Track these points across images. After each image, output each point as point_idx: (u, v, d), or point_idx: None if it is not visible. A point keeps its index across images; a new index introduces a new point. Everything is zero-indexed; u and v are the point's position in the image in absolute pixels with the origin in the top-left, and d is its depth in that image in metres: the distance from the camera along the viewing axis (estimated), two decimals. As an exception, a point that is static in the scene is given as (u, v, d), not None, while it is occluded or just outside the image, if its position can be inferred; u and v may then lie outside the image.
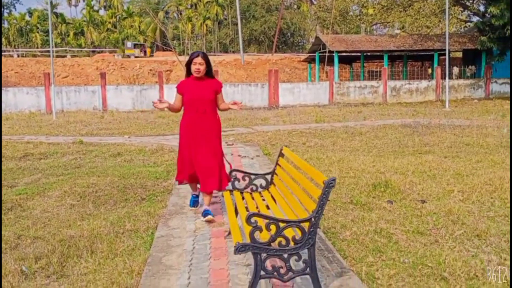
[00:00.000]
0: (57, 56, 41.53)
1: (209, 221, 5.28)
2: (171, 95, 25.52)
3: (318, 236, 4.85)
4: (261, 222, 3.14)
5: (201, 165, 5.40)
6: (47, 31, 66.52)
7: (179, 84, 5.62)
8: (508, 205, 5.92)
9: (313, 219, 3.17)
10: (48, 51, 47.16)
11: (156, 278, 3.88)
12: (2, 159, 10.51)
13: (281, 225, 3.14)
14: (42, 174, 8.72)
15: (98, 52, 49.60)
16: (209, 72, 5.49)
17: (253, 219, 3.10)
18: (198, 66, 5.36)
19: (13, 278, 4.09)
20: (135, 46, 50.66)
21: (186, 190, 7.01)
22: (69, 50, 54.45)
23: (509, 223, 5.29)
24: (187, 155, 5.51)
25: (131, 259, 4.40)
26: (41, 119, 20.10)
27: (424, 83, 29.40)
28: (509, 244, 4.62)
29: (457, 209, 5.75)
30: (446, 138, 12.59)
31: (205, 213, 5.33)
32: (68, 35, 69.80)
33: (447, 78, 25.25)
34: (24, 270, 4.33)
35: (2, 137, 14.45)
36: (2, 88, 25.41)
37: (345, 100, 28.37)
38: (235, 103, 5.50)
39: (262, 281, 3.60)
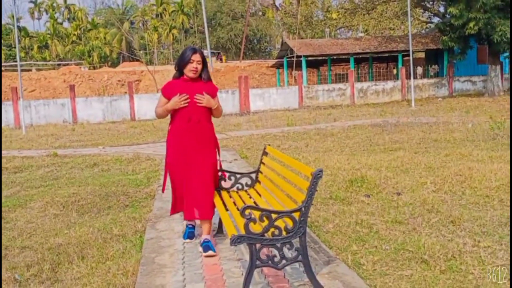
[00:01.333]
0: (22, 70, 40.76)
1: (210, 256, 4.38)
2: (141, 105, 25.54)
3: (303, 230, 5.06)
4: (255, 215, 3.32)
5: (199, 188, 4.52)
6: (11, 46, 65.27)
7: (166, 86, 4.73)
8: (479, 193, 6.26)
9: (303, 209, 3.37)
10: (12, 66, 46.37)
11: (151, 276, 4.01)
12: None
13: (274, 216, 3.32)
14: (20, 187, 8.68)
15: (64, 65, 49.00)
16: (205, 74, 4.69)
17: (247, 212, 3.27)
18: (196, 64, 4.52)
19: (7, 286, 4.16)
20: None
21: (168, 195, 7.12)
22: (34, 64, 53.61)
23: (480, 209, 5.62)
24: (179, 178, 4.63)
25: (124, 261, 4.51)
26: (10, 134, 19.79)
27: (390, 84, 30.09)
28: (481, 228, 4.92)
29: (431, 199, 6.04)
30: (415, 135, 13.00)
31: (205, 246, 4.42)
32: (32, 49, 68.65)
33: (411, 78, 25.91)
34: (17, 278, 4.39)
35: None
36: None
37: (314, 103, 28.79)
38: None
39: (255, 272, 3.78)
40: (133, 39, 62.34)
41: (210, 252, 4.35)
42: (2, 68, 43.37)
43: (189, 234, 4.92)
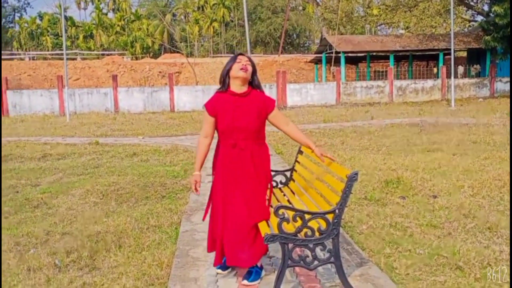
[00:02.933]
0: (68, 59, 41.91)
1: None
2: (181, 97, 25.90)
3: (336, 230, 5.08)
4: (288, 214, 3.36)
5: (232, 230, 3.72)
6: (57, 34, 67.15)
7: (209, 101, 3.89)
8: (518, 199, 6.13)
9: (337, 211, 3.39)
10: (59, 54, 47.65)
11: (185, 269, 4.11)
12: (22, 159, 10.79)
13: (307, 217, 3.35)
14: (63, 173, 8.98)
15: (108, 55, 50.06)
16: (255, 83, 3.87)
17: (280, 211, 3.32)
18: (245, 62, 3.79)
19: (48, 270, 4.33)
20: None
21: (205, 187, 7.25)
22: (79, 53, 54.96)
23: (519, 216, 5.50)
24: (221, 212, 3.82)
25: (159, 252, 4.63)
26: (55, 121, 20.43)
27: (430, 83, 29.55)
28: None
29: (468, 203, 5.95)
30: (454, 136, 12.75)
31: (253, 278, 3.81)
32: (78, 38, 70.41)
33: (452, 77, 25.38)
34: (57, 263, 4.57)
35: (19, 138, 14.76)
36: (16, 90, 25.79)
37: (351, 100, 28.55)
38: (324, 155, 4.02)
39: (287, 271, 3.83)
40: (175, 31, 63.08)
41: (245, 282, 3.78)
42: (49, 56, 44.71)
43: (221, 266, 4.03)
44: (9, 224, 5.84)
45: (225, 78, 3.85)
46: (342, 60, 32.45)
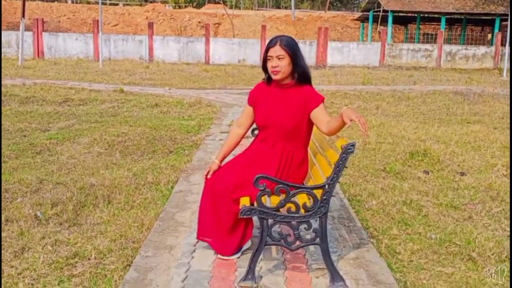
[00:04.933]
0: (110, 4, 41.73)
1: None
2: (216, 49, 25.32)
3: (341, 204, 4.60)
4: (270, 187, 2.91)
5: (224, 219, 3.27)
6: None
7: (253, 91, 3.48)
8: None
9: (326, 186, 2.91)
10: (99, -1, 47.54)
11: (164, 235, 3.74)
12: (43, 102, 10.64)
13: (291, 190, 2.89)
14: (77, 120, 8.75)
15: (150, 2, 49.58)
16: (298, 74, 3.25)
17: (260, 182, 2.86)
18: (275, 62, 3.18)
19: (25, 223, 4.05)
20: None
21: (214, 146, 6.85)
22: (123, -2, 54.79)
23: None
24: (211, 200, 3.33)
25: (145, 213, 4.28)
26: (88, 66, 20.34)
27: (482, 50, 27.88)
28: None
29: (498, 184, 5.34)
30: (499, 108, 11.88)
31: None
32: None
33: (507, 45, 23.80)
34: (39, 216, 4.29)
35: (47, 80, 14.69)
36: (52, 33, 25.79)
37: (396, 62, 27.33)
38: (352, 120, 2.83)
39: (273, 247, 3.41)
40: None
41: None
42: (92, 0, 44.62)
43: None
44: (5, 169, 5.61)
45: (264, 70, 3.35)
46: (390, 20, 30.94)
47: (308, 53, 26.00)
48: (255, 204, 2.92)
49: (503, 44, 27.07)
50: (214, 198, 3.28)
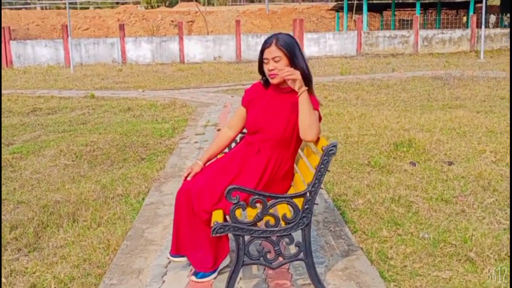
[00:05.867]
0: (81, 8, 40.89)
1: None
2: (191, 47, 24.84)
3: (326, 205, 4.27)
4: (245, 199, 2.56)
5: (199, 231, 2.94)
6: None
7: (248, 91, 3.15)
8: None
9: (308, 194, 2.57)
10: (72, 3, 46.60)
11: (132, 256, 3.38)
12: (9, 114, 10.15)
13: (269, 201, 2.54)
14: (44, 130, 8.30)
15: (122, 4, 48.75)
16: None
17: (233, 195, 2.51)
18: (271, 65, 2.84)
19: (-20, 251, 3.65)
20: None
21: (188, 150, 6.49)
22: (92, 2, 53.74)
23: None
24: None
25: (112, 230, 3.91)
26: (59, 73, 19.75)
27: (458, 33, 27.84)
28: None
29: (489, 172, 5.07)
30: (480, 91, 11.72)
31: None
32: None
33: (483, 27, 23.76)
34: None
35: (15, 90, 14.14)
36: (20, 41, 25.04)
37: (373, 50, 27.15)
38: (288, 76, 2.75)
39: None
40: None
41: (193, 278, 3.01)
42: (62, 6, 43.70)
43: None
44: (-38, 190, 5.18)
45: (261, 73, 3.01)
46: (365, 8, 30.76)
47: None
48: (229, 219, 2.58)
49: (478, 26, 27.06)
50: (188, 209, 2.92)
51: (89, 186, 5.08)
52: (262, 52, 2.90)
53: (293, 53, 2.84)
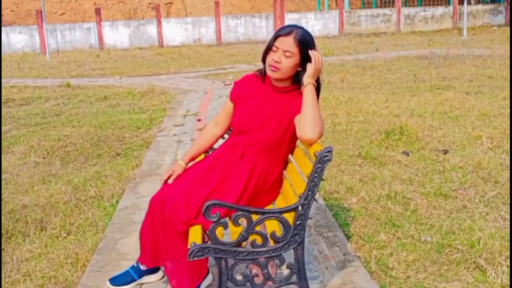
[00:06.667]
0: (55, -8, 39.61)
1: None
2: (170, 30, 24.14)
3: (317, 206, 3.93)
4: (226, 215, 2.20)
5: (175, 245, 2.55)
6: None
7: (237, 83, 2.74)
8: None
9: (300, 208, 2.22)
10: (46, -13, 45.12)
11: (101, 274, 3.01)
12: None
13: (254, 217, 2.18)
14: (15, 124, 7.82)
15: (98, -13, 47.37)
16: (302, 76, 2.49)
17: (213, 211, 2.14)
18: (278, 57, 2.44)
19: None
20: None
21: (167, 143, 6.09)
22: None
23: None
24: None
25: (82, 241, 3.53)
26: (34, 60, 19.02)
27: (440, 10, 27.52)
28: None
29: (487, 161, 4.77)
30: (466, 71, 11.43)
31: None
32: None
33: (465, 3, 23.48)
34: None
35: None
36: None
37: (356, 30, 26.75)
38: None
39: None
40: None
41: None
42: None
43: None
44: None
45: (263, 60, 2.56)
46: (346, -13, 30.23)
47: (266, 27, 25.16)
48: (208, 238, 2.21)
49: (460, 3, 26.77)
50: (164, 221, 2.54)
51: (60, 188, 4.67)
52: (275, 38, 2.49)
53: (307, 54, 2.46)
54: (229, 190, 2.47)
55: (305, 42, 2.46)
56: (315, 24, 25.97)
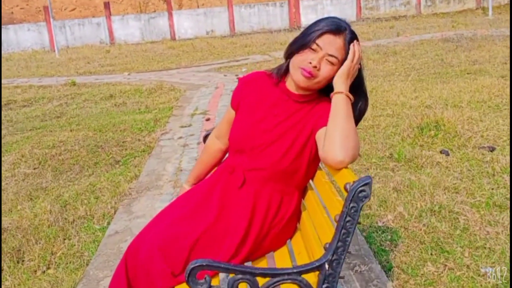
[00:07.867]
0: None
1: None
2: (181, 22, 23.48)
3: (345, 227, 3.23)
4: (217, 282, 1.53)
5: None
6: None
7: (242, 82, 2.04)
8: None
9: (326, 266, 1.53)
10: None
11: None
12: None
13: (261, 282, 1.50)
14: (12, 128, 7.28)
15: (110, -19, 46.91)
16: (337, 85, 1.78)
17: (200, 276, 1.47)
18: (319, 60, 1.78)
19: None
20: None
21: (170, 148, 5.44)
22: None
23: None
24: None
25: (61, 280, 2.91)
26: (43, 58, 18.55)
27: (462, -11, 26.34)
28: None
29: (545, 160, 4.01)
30: (498, 52, 10.56)
31: None
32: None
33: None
34: None
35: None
36: (3, 26, 23.74)
37: (374, 14, 25.76)
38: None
39: None
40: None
41: None
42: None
43: None
44: None
45: (285, 59, 1.92)
46: (363, -30, 29.16)
47: (280, 15, 24.34)
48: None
49: (484, -19, 25.55)
50: (136, 277, 1.86)
51: (46, 206, 4.06)
52: (321, 34, 1.79)
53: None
54: (226, 233, 1.79)
55: (354, 38, 1.83)
56: (332, 10, 25.05)
